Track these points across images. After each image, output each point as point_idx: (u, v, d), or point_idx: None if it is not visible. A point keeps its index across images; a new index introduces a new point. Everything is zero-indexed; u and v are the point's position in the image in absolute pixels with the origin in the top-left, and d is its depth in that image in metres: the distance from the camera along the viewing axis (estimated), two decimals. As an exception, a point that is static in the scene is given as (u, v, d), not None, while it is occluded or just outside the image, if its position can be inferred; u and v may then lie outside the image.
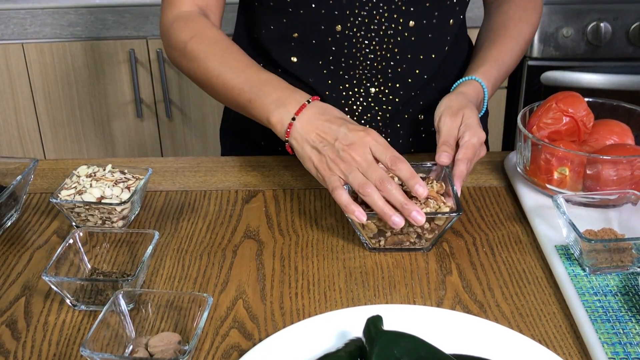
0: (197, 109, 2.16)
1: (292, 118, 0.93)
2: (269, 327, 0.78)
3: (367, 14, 1.03)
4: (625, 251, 0.82)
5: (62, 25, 2.03)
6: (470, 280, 0.85)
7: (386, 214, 0.84)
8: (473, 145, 0.94)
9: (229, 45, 1.03)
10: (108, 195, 0.93)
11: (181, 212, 1.00)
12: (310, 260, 0.89)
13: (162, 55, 2.05)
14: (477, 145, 0.95)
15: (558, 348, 0.75)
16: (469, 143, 0.94)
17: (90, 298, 0.80)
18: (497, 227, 0.96)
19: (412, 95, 1.11)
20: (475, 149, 0.95)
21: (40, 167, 1.12)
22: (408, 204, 0.84)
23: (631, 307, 0.78)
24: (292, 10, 1.04)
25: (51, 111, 2.15)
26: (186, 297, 0.75)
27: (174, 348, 0.72)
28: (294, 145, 0.93)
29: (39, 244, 0.93)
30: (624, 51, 2.01)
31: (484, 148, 0.97)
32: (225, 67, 1.00)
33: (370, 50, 1.06)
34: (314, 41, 1.05)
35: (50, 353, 0.75)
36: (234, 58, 1.01)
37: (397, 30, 1.05)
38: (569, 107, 1.00)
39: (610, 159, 0.92)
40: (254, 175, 1.10)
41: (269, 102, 0.95)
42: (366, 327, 0.69)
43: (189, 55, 1.03)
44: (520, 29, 1.12)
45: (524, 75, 2.07)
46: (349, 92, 1.09)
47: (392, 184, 0.86)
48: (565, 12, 1.97)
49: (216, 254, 0.91)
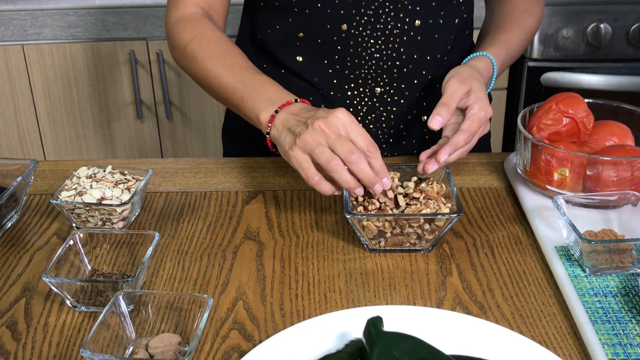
0: (197, 110, 2.16)
1: (275, 110, 0.92)
2: (269, 328, 0.78)
3: (373, 13, 1.03)
4: (625, 252, 0.82)
5: (62, 26, 2.03)
6: (471, 281, 0.85)
7: (351, 189, 0.86)
8: (480, 119, 0.94)
9: (228, 46, 1.04)
10: (108, 197, 0.93)
11: (181, 213, 1.00)
12: (311, 261, 0.89)
13: (162, 57, 2.05)
14: (483, 121, 0.95)
15: (558, 349, 0.75)
16: (475, 116, 0.94)
17: (90, 299, 0.80)
18: (497, 228, 0.96)
19: (417, 96, 1.11)
20: (481, 123, 0.94)
21: (40, 169, 1.12)
22: (376, 178, 0.85)
23: (631, 308, 0.78)
24: (297, 10, 1.04)
25: (51, 112, 2.15)
26: (186, 298, 0.75)
27: (174, 349, 0.72)
28: (274, 135, 0.92)
29: (39, 245, 0.93)
30: (624, 52, 2.01)
31: (488, 125, 0.97)
32: (223, 68, 1.00)
33: (375, 50, 1.06)
34: (320, 41, 1.06)
35: (50, 354, 0.75)
36: (231, 59, 1.02)
37: (403, 29, 1.05)
38: (569, 108, 1.00)
39: (610, 160, 0.92)
40: (254, 177, 1.10)
41: (260, 101, 0.95)
42: (366, 328, 0.69)
43: (189, 56, 1.04)
44: (525, 19, 1.13)
45: (524, 76, 2.07)
46: (354, 91, 1.09)
47: (361, 157, 0.84)
48: (565, 13, 1.97)
49: (216, 255, 0.91)
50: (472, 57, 1.05)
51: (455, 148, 0.92)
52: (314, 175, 0.86)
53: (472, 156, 1.14)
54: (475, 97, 0.95)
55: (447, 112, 0.93)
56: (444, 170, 0.94)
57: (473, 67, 1.01)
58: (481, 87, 0.97)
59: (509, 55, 1.09)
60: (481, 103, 0.95)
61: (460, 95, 0.95)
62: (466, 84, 0.96)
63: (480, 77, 0.99)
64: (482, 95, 0.96)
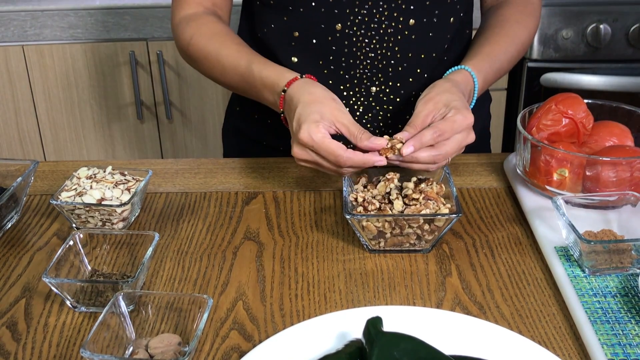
0: (197, 110, 2.16)
1: (282, 90, 0.97)
2: (269, 329, 0.78)
3: (367, 12, 1.03)
4: (624, 252, 0.83)
5: (62, 27, 2.03)
6: (470, 282, 0.85)
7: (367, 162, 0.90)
8: (454, 121, 0.90)
9: (224, 37, 1.07)
10: (108, 197, 0.93)
11: (181, 214, 1.00)
12: (310, 261, 0.89)
13: (163, 57, 2.05)
14: (458, 124, 0.90)
15: (558, 349, 0.75)
16: (450, 119, 0.90)
17: (90, 299, 0.80)
18: (497, 228, 0.96)
19: (413, 95, 1.11)
20: (455, 125, 0.90)
21: (40, 169, 1.12)
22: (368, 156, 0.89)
23: (631, 309, 0.78)
24: (292, 9, 1.04)
25: (51, 113, 2.15)
26: (186, 298, 0.75)
27: (174, 349, 0.72)
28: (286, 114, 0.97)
29: (39, 246, 0.93)
30: (624, 53, 2.01)
31: (471, 134, 0.92)
32: (223, 60, 1.04)
33: (370, 49, 1.06)
34: (314, 40, 1.06)
35: (50, 354, 0.75)
36: (229, 52, 1.05)
37: (398, 28, 1.05)
38: (568, 108, 1.00)
39: (610, 161, 0.92)
40: (254, 177, 1.10)
41: (268, 83, 0.99)
42: (366, 328, 0.69)
43: (192, 56, 1.09)
44: (516, 30, 1.10)
45: (524, 77, 2.07)
46: (350, 91, 1.09)
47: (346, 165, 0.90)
48: (565, 14, 1.97)
49: (216, 256, 0.91)
50: (451, 70, 1.02)
51: (420, 142, 0.89)
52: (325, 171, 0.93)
53: (471, 157, 1.14)
54: (451, 106, 0.92)
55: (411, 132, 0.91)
56: (444, 170, 0.94)
57: (450, 80, 0.98)
58: (455, 97, 0.93)
59: (494, 68, 1.05)
60: (457, 109, 0.91)
61: (425, 115, 0.92)
62: (433, 101, 0.93)
63: (455, 90, 0.95)
64: (458, 104, 0.92)
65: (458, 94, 0.95)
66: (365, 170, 0.96)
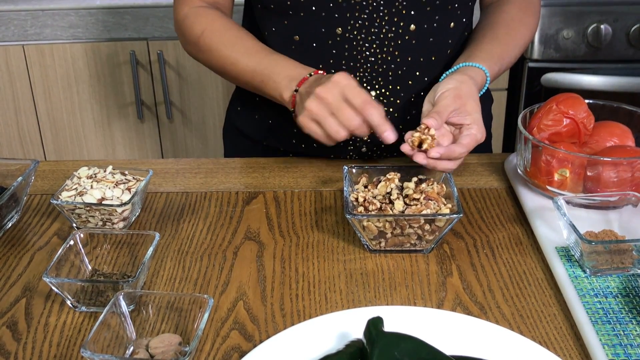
0: (197, 110, 2.16)
1: (294, 90, 0.98)
2: (269, 329, 0.78)
3: (367, 17, 1.03)
4: (625, 253, 0.82)
5: (62, 26, 2.03)
6: (471, 282, 0.85)
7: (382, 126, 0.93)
8: (477, 140, 0.95)
9: (238, 32, 1.08)
10: (109, 197, 0.93)
11: (182, 214, 1.00)
12: (311, 261, 0.89)
13: (163, 57, 2.05)
14: (479, 142, 0.96)
15: (559, 349, 0.75)
16: (474, 136, 0.95)
17: (90, 299, 0.80)
18: (498, 228, 0.96)
19: (413, 98, 1.11)
20: (477, 143, 0.96)
21: (40, 169, 1.12)
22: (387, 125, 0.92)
23: (632, 309, 0.78)
24: (292, 13, 1.04)
25: (52, 112, 2.15)
26: (187, 298, 0.75)
27: (174, 349, 0.72)
28: (298, 114, 0.97)
29: (40, 246, 0.93)
30: (625, 53, 2.01)
31: None
32: (238, 54, 1.06)
33: (370, 53, 1.06)
34: (315, 44, 1.06)
35: (50, 354, 0.75)
36: (244, 44, 1.06)
37: (398, 33, 1.05)
38: (569, 108, 1.00)
39: (611, 161, 0.92)
40: (254, 177, 1.10)
41: (279, 81, 1.01)
42: (367, 328, 0.69)
43: (203, 48, 1.09)
44: (522, 32, 1.12)
45: (525, 77, 2.07)
46: None
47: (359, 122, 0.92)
48: (566, 14, 1.97)
49: (217, 256, 0.91)
50: (471, 65, 1.03)
51: (449, 155, 0.92)
52: (326, 140, 0.95)
53: (472, 157, 1.14)
54: (472, 118, 0.95)
55: (438, 121, 0.93)
56: (444, 171, 0.94)
57: (473, 80, 1.00)
58: (477, 108, 0.97)
59: (500, 71, 1.08)
60: (479, 126, 0.96)
61: (450, 111, 0.95)
62: (460, 101, 0.96)
63: (476, 94, 0.99)
64: (478, 117, 0.96)
65: (477, 99, 0.99)
66: (366, 170, 0.96)
